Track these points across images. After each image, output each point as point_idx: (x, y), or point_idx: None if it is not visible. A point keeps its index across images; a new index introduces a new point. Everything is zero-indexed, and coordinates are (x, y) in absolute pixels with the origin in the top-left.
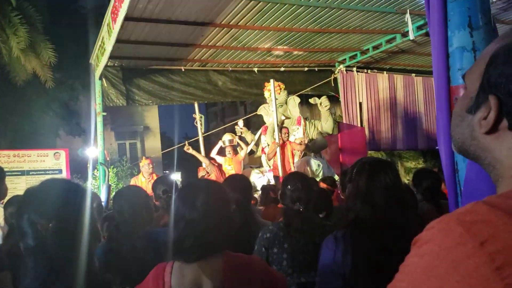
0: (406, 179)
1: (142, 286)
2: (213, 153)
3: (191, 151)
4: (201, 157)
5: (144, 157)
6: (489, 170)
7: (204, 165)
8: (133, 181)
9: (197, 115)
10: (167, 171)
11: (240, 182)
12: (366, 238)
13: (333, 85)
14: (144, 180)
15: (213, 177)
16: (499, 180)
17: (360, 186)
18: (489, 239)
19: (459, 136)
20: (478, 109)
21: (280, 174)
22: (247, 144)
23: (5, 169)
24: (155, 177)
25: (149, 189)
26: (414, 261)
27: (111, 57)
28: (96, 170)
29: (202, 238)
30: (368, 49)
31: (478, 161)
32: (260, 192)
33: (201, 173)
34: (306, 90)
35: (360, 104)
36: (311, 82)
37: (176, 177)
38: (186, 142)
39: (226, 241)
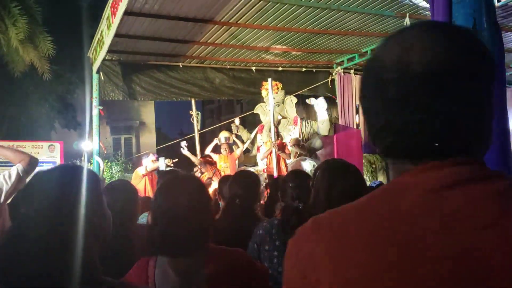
0: None
1: (125, 280)
2: (208, 150)
3: (185, 152)
4: (193, 158)
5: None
6: None
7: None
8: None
9: (194, 112)
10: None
11: (246, 178)
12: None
13: (330, 86)
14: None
15: (205, 176)
16: None
17: (319, 193)
18: (300, 249)
19: None
20: None
21: (275, 174)
22: (243, 142)
23: None
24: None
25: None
26: None
27: (109, 51)
28: (90, 164)
29: (187, 234)
30: (367, 51)
31: None
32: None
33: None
34: (303, 90)
35: (357, 106)
36: (308, 83)
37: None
38: (184, 143)
39: (209, 235)
